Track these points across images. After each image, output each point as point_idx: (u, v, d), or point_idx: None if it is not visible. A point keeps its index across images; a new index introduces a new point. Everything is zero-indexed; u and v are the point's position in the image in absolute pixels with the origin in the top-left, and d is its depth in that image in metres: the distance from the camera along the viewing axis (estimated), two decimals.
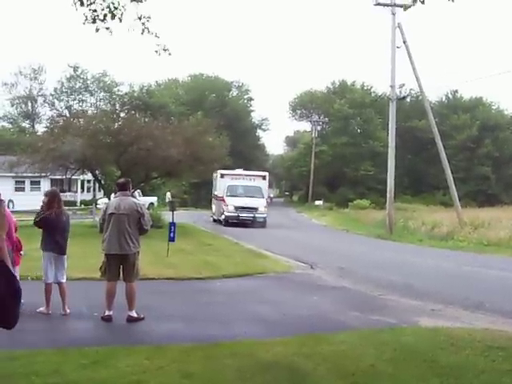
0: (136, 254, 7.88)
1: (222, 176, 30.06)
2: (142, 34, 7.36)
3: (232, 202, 27.86)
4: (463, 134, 56.88)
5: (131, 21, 7.33)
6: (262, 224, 27.83)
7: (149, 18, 7.39)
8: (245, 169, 34.93)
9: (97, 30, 7.34)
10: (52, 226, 8.15)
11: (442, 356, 6.26)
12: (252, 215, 27.83)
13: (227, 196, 28.17)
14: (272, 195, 30.71)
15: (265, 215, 28.40)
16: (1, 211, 2.24)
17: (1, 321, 2.05)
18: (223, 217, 28.21)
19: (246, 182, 29.82)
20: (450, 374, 5.65)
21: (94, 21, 7.25)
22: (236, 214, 27.66)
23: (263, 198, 29.18)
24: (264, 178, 31.27)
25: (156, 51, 7.64)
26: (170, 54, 7.75)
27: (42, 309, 8.09)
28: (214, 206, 32.32)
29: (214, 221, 30.94)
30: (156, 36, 7.50)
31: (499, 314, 8.91)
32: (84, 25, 7.26)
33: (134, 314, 7.80)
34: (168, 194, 40.16)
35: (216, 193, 31.38)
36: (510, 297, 10.69)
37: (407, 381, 5.47)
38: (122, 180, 8.58)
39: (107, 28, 7.38)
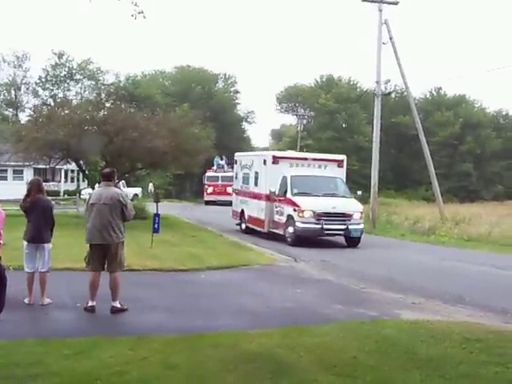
0: (119, 244, 7.88)
1: (276, 161, 19.03)
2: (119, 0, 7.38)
3: (309, 206, 17.26)
4: (446, 130, 57.43)
5: None
6: (357, 241, 17.83)
7: None
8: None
9: None
10: (27, 215, 8.17)
11: (422, 348, 6.38)
12: (344, 227, 17.28)
13: (295, 195, 17.68)
14: (360, 192, 21.57)
15: (362, 226, 17.99)
16: None
17: None
18: (291, 230, 17.36)
19: (316, 171, 18.99)
20: (430, 365, 5.78)
21: None
22: (318, 226, 17.04)
23: (351, 196, 18.91)
24: (340, 164, 19.60)
25: (132, 15, 7.68)
26: (144, 17, 7.77)
27: (26, 299, 8.10)
28: (245, 208, 20.95)
29: (248, 231, 20.26)
30: (135, 5, 7.55)
31: (478, 308, 9.10)
32: None
33: (117, 304, 7.82)
34: (150, 185, 40.01)
35: (256, 188, 19.99)
36: (488, 291, 10.89)
37: (388, 372, 5.57)
38: (107, 170, 8.56)
39: None
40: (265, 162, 19.40)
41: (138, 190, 38.13)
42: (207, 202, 42.10)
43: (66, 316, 7.68)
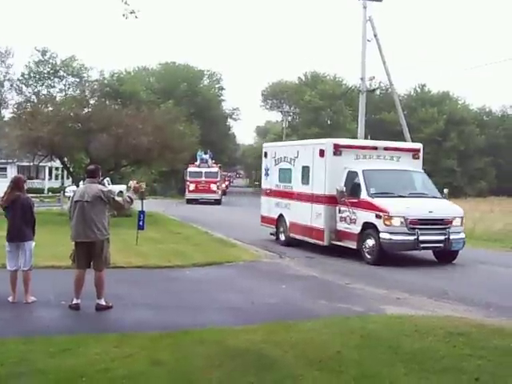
0: (104, 241, 7.86)
1: (338, 151, 14.82)
2: None
3: (398, 210, 13.22)
4: (430, 127, 57.90)
5: None
6: (455, 255, 14.01)
7: None
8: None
9: None
10: (6, 213, 8.15)
11: (406, 342, 6.44)
12: (443, 237, 13.31)
13: (374, 196, 13.68)
14: (446, 190, 15.30)
15: (463, 235, 14.06)
16: None
17: None
18: (371, 243, 13.37)
19: (389, 164, 15.10)
20: (414, 359, 5.84)
21: None
22: (412, 238, 13.04)
23: (441, 197, 14.85)
24: (416, 154, 15.93)
25: (123, 15, 7.57)
26: (136, 17, 7.66)
27: (9, 298, 8.06)
28: (285, 213, 16.70)
29: (291, 242, 16.20)
30: (126, 3, 7.45)
31: (461, 302, 9.23)
32: None
33: (102, 302, 7.81)
34: (130, 182, 39.32)
35: (306, 187, 15.65)
36: (471, 285, 11.04)
37: (372, 367, 5.61)
38: (90, 167, 8.57)
39: None
40: (322, 152, 14.97)
41: (122, 188, 37.78)
42: (189, 201, 39.22)
43: (50, 314, 7.64)
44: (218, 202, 39.09)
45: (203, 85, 64.09)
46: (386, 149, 15.47)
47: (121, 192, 34.57)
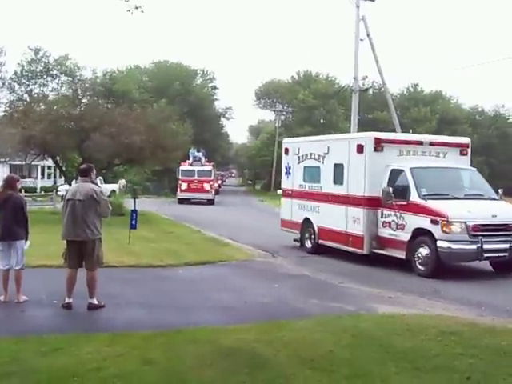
0: (96, 241, 7.84)
1: (379, 147, 13.16)
2: None
3: (458, 215, 11.58)
4: (423, 126, 58.03)
5: None
6: None
7: None
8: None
9: None
10: None
11: (398, 341, 6.46)
12: (508, 245, 11.65)
13: (426, 198, 12.06)
14: (501, 190, 14.38)
15: None
16: None
17: None
18: (425, 252, 11.69)
19: (438, 161, 13.59)
20: (405, 358, 5.85)
21: None
22: (474, 246, 11.34)
23: (498, 198, 13.31)
24: (464, 150, 14.30)
25: (128, 10, 7.58)
26: (142, 12, 7.67)
27: (1, 297, 8.03)
28: (312, 217, 14.97)
29: (321, 250, 14.58)
30: (126, 0, 7.47)
31: (453, 301, 9.26)
32: None
33: (94, 301, 7.79)
34: (120, 181, 39.07)
35: (340, 188, 13.99)
36: (462, 284, 11.07)
37: (364, 365, 5.63)
38: (83, 166, 8.57)
39: None
40: (360, 148, 13.28)
41: (115, 187, 37.61)
42: (180, 201, 37.70)
43: (42, 313, 7.62)
44: (211, 203, 37.71)
45: (196, 84, 64.00)
46: (431, 144, 13.86)
47: (113, 191, 34.59)
